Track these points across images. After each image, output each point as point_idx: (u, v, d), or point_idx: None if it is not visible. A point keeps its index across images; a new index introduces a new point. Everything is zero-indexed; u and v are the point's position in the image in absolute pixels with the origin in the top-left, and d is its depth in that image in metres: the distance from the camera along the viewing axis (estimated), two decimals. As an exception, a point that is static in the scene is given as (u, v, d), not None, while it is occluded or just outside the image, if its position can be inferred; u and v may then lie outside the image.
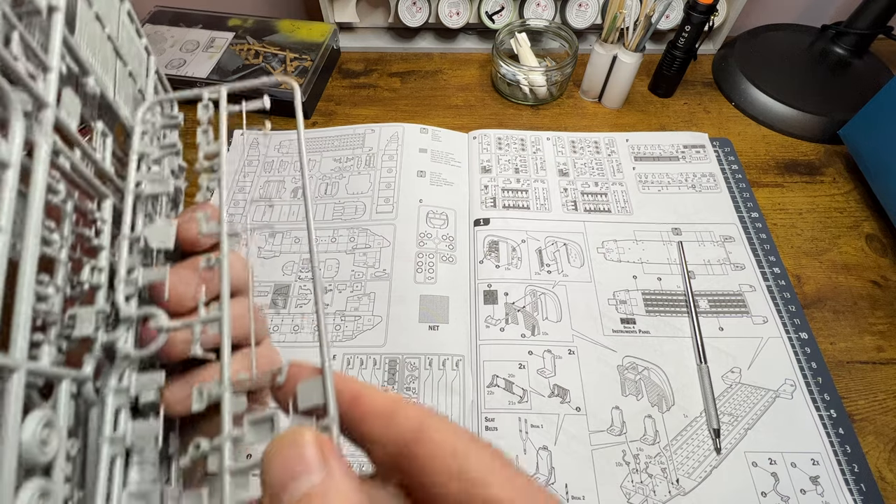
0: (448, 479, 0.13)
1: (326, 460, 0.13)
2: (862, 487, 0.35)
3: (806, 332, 0.42)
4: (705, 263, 0.46)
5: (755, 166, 0.54)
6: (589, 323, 0.42)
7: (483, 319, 0.43)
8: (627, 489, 0.35)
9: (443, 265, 0.46)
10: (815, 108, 0.56)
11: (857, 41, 0.60)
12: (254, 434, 0.15)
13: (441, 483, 0.13)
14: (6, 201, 0.13)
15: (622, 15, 0.52)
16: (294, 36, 0.63)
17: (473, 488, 0.13)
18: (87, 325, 0.16)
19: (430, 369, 0.40)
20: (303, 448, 0.13)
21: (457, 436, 0.14)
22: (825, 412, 0.38)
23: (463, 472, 0.13)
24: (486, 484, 0.13)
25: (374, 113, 0.60)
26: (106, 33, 0.21)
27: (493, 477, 0.13)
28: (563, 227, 0.48)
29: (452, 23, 0.63)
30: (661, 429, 0.38)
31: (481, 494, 0.13)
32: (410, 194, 0.50)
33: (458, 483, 0.13)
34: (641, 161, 0.54)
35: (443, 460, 0.14)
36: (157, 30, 0.64)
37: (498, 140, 0.55)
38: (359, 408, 0.15)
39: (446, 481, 0.13)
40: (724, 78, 0.61)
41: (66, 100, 0.16)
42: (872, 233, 0.49)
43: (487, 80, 0.64)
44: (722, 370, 0.40)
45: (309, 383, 0.15)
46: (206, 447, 0.15)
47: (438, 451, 0.14)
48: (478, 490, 0.13)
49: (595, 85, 0.59)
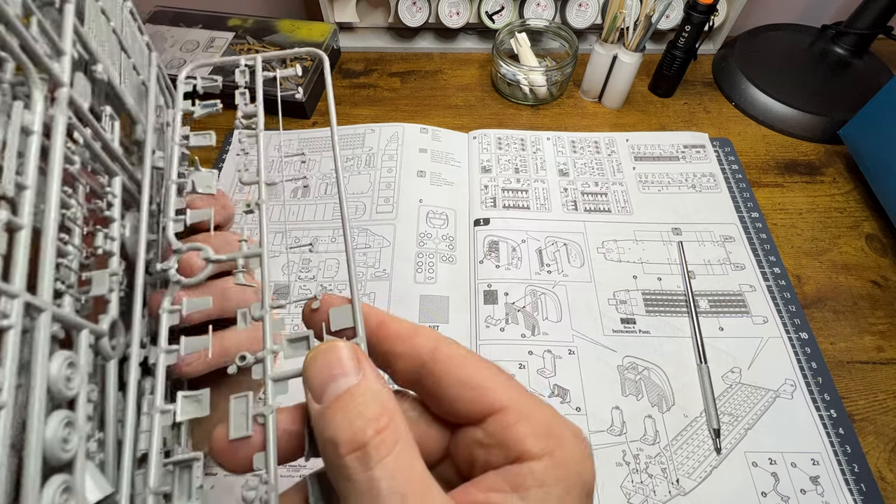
0: (459, 386, 0.16)
1: (361, 365, 0.15)
2: (862, 487, 0.35)
3: (806, 332, 0.42)
4: (705, 263, 0.46)
5: (755, 166, 0.54)
6: (589, 323, 0.42)
7: (483, 319, 0.43)
8: (627, 489, 0.35)
9: (443, 265, 0.46)
10: (815, 108, 0.56)
11: (857, 41, 0.60)
12: (291, 350, 0.17)
13: (454, 390, 0.16)
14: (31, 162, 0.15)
15: (622, 15, 0.52)
16: (294, 36, 0.63)
17: (479, 392, 0.15)
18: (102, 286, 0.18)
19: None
20: (340, 353, 0.15)
21: (465, 353, 0.16)
22: (825, 412, 0.38)
23: (471, 379, 0.16)
24: (490, 388, 0.15)
25: (374, 113, 0.60)
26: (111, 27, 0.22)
27: (495, 383, 0.16)
28: (563, 227, 0.48)
29: (452, 23, 0.63)
30: (661, 429, 0.38)
31: (486, 396, 0.15)
32: (410, 194, 0.50)
33: (467, 389, 0.16)
34: (641, 161, 0.54)
35: (455, 371, 0.16)
36: (157, 30, 0.64)
37: (498, 140, 0.55)
38: (383, 330, 0.17)
39: (458, 388, 0.16)
40: (724, 78, 0.61)
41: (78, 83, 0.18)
42: (872, 233, 0.49)
43: (487, 80, 0.63)
44: (722, 370, 0.40)
45: (340, 309, 0.17)
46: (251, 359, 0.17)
47: (451, 364, 0.16)
48: (483, 393, 0.15)
49: (595, 85, 0.59)
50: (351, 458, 0.13)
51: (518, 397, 0.15)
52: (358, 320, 0.17)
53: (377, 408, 0.14)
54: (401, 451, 0.13)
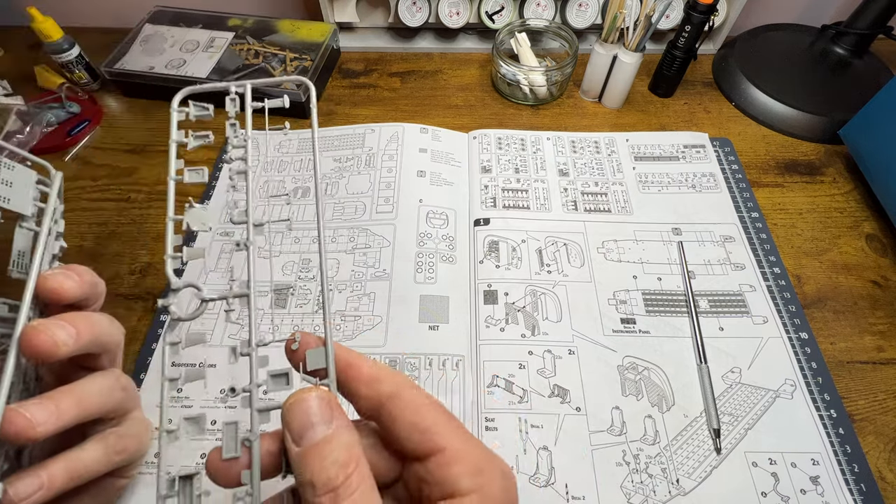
0: (410, 429, 0.18)
1: (334, 414, 0.17)
2: (862, 487, 0.35)
3: (806, 332, 0.42)
4: (705, 263, 0.46)
5: (755, 166, 0.54)
6: (589, 323, 0.42)
7: (483, 319, 0.43)
8: (627, 489, 0.35)
9: (443, 265, 0.46)
10: (815, 108, 0.56)
11: (857, 41, 0.60)
12: (273, 384, 0.20)
13: (405, 431, 0.18)
14: None
15: (622, 15, 0.52)
16: (294, 36, 0.63)
17: (426, 435, 0.18)
18: None
19: (430, 369, 0.40)
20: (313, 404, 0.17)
21: (421, 398, 0.19)
22: (825, 412, 0.38)
23: (421, 423, 0.18)
24: (435, 432, 0.18)
25: (374, 113, 0.60)
26: None
27: (440, 427, 0.18)
28: (563, 227, 0.48)
29: (452, 23, 0.63)
30: (661, 429, 0.38)
31: (431, 439, 0.18)
32: (410, 194, 0.50)
33: (416, 432, 0.18)
34: (641, 161, 0.54)
35: (408, 416, 0.18)
36: (157, 30, 0.64)
37: (498, 140, 0.55)
38: (350, 372, 0.19)
39: (408, 430, 0.18)
40: (724, 78, 0.61)
41: None
42: (872, 233, 0.49)
43: (487, 80, 0.64)
44: (722, 370, 0.40)
45: (315, 351, 0.19)
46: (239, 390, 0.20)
47: (406, 409, 0.19)
48: (428, 436, 0.18)
49: (595, 85, 0.59)
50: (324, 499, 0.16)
51: (456, 440, 0.18)
52: (330, 362, 0.19)
53: (346, 456, 0.17)
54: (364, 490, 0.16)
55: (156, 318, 0.44)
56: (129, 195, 0.53)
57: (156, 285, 0.46)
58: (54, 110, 0.58)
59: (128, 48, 0.62)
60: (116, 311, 0.45)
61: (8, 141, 0.55)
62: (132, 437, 0.26)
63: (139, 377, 0.40)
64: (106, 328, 0.24)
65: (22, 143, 0.55)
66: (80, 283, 0.24)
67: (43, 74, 0.62)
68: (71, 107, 0.59)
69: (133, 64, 0.60)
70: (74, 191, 0.53)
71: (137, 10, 0.66)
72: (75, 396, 0.22)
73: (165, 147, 0.23)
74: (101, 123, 0.60)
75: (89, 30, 0.68)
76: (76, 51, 0.59)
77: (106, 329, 0.24)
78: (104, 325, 0.24)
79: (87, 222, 0.51)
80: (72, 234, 0.50)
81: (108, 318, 0.25)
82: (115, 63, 0.60)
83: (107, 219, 0.51)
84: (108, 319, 0.25)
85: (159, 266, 0.47)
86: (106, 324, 0.24)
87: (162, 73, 0.59)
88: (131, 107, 0.62)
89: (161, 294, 0.46)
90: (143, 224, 0.51)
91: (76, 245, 0.49)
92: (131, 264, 0.48)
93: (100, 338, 0.24)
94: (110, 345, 0.25)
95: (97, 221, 0.51)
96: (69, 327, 0.22)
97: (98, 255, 0.48)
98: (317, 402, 0.17)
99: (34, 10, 0.55)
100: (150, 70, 0.59)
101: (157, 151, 0.57)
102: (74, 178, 0.55)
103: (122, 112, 0.61)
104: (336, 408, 0.18)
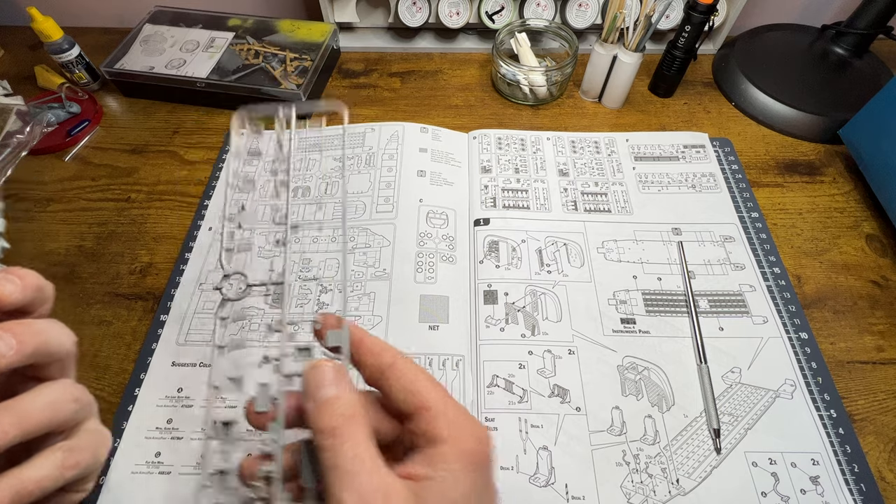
0: (403, 391, 0.22)
1: (341, 379, 0.21)
2: (862, 487, 0.35)
3: (806, 332, 0.42)
4: (705, 263, 0.46)
5: (755, 166, 0.54)
6: (589, 323, 0.42)
7: (483, 319, 0.43)
8: (627, 489, 0.35)
9: (443, 265, 0.46)
10: (815, 108, 0.56)
11: (857, 41, 0.60)
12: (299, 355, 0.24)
13: (399, 393, 0.22)
14: None
15: (622, 15, 0.52)
16: (294, 36, 0.63)
17: (415, 395, 0.21)
18: None
19: (430, 369, 0.40)
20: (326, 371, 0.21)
21: (412, 367, 0.23)
22: (825, 412, 0.38)
23: (411, 386, 0.22)
24: (421, 393, 0.22)
25: (374, 113, 0.60)
26: None
27: (426, 390, 0.22)
28: (563, 227, 0.48)
29: (452, 23, 0.63)
30: (661, 429, 0.38)
31: (418, 398, 0.21)
32: (410, 194, 0.50)
33: (407, 393, 0.22)
34: (641, 161, 0.54)
35: (402, 380, 0.22)
36: (157, 30, 0.64)
37: (498, 140, 0.55)
38: (360, 347, 0.23)
39: (402, 392, 0.22)
40: (724, 78, 0.61)
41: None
42: (872, 233, 0.49)
43: (487, 80, 0.64)
44: (722, 370, 0.40)
45: (335, 332, 0.23)
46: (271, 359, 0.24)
47: (401, 375, 0.22)
48: (416, 396, 0.21)
49: (595, 85, 0.59)
50: (331, 440, 0.19)
51: (439, 400, 0.21)
52: (345, 342, 0.23)
53: (350, 410, 0.20)
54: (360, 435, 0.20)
55: (156, 319, 0.44)
56: (129, 195, 0.53)
57: (156, 285, 0.46)
58: (54, 110, 0.58)
59: (128, 48, 0.62)
60: (116, 311, 0.45)
61: (8, 141, 0.55)
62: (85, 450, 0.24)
63: (139, 377, 0.40)
64: (54, 336, 0.23)
65: (22, 143, 0.55)
66: (23, 288, 0.22)
67: (43, 74, 0.62)
68: (71, 107, 0.59)
69: (133, 64, 0.60)
70: (74, 191, 0.54)
71: (137, 10, 0.66)
72: (17, 414, 0.21)
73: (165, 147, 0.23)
74: (101, 123, 0.60)
75: (89, 30, 0.69)
76: (76, 51, 0.59)
77: (54, 337, 0.23)
78: (51, 333, 0.22)
79: (87, 222, 0.51)
80: (72, 234, 0.50)
81: (58, 325, 0.23)
82: (115, 63, 0.60)
83: (107, 219, 0.51)
84: (58, 326, 0.23)
85: (159, 266, 0.47)
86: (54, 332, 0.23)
87: (162, 74, 0.59)
88: (131, 107, 0.62)
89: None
90: (143, 224, 0.51)
91: (76, 245, 0.49)
92: (131, 264, 0.48)
93: (46, 347, 0.22)
94: (59, 354, 0.23)
95: (97, 221, 0.51)
96: (8, 337, 0.20)
97: (98, 255, 0.49)
98: (330, 369, 0.21)
99: (34, 10, 0.55)
100: (150, 70, 0.59)
101: (157, 151, 0.57)
102: (74, 178, 0.55)
103: (122, 112, 0.61)
104: (345, 375, 0.22)
